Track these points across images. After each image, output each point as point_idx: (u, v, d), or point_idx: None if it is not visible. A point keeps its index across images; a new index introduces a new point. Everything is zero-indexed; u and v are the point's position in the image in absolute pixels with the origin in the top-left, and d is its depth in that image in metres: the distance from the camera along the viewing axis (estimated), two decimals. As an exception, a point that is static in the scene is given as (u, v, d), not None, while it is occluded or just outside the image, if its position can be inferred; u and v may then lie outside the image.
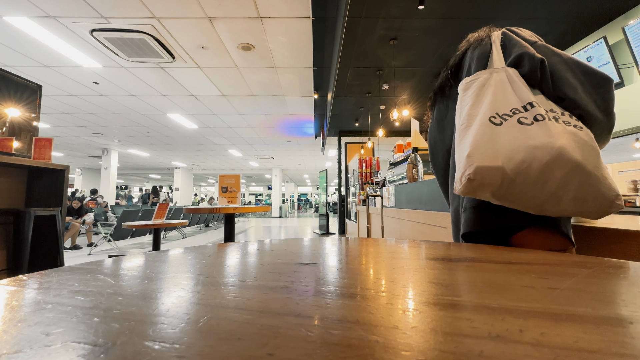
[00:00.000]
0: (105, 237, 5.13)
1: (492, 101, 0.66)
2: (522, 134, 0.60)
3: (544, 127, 0.59)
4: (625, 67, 2.94)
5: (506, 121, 0.63)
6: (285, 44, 3.75)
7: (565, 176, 0.57)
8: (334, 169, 14.96)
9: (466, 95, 0.71)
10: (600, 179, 0.57)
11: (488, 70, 0.71)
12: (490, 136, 0.62)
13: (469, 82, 0.72)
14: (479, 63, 0.76)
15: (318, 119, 7.09)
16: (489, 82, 0.69)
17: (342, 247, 0.54)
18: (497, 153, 0.60)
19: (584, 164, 0.56)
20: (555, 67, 0.66)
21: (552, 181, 0.57)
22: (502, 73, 0.69)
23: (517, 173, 0.59)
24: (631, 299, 0.26)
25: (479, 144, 0.62)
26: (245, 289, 0.29)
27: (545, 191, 0.58)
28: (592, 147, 0.58)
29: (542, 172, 0.57)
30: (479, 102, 0.68)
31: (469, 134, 0.66)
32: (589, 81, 0.64)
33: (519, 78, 0.67)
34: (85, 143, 9.45)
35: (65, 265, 0.48)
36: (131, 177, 19.80)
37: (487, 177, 0.60)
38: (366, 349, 0.17)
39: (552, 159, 0.57)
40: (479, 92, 0.69)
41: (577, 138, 0.58)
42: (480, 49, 0.78)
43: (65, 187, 2.26)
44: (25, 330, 0.20)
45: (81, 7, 3.03)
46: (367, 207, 3.77)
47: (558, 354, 0.16)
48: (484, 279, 0.32)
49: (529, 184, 0.59)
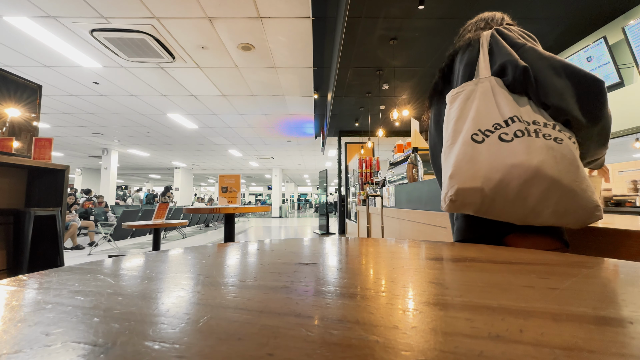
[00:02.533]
0: (105, 237, 5.13)
1: (475, 117, 0.68)
2: (501, 152, 0.62)
3: (523, 144, 0.61)
4: (625, 67, 2.94)
5: (488, 137, 0.65)
6: (285, 44, 3.75)
7: (543, 192, 0.59)
8: (334, 169, 14.95)
9: (452, 108, 0.74)
10: (578, 192, 0.59)
11: (473, 81, 0.73)
12: (472, 156, 0.65)
13: (455, 95, 0.75)
14: (466, 71, 0.78)
15: (318, 119, 7.09)
16: (473, 95, 0.71)
17: (342, 247, 0.54)
18: (476, 174, 0.63)
19: (561, 179, 0.58)
20: (541, 73, 0.66)
21: (531, 198, 0.59)
22: (487, 83, 0.71)
23: (496, 192, 0.62)
24: (631, 299, 0.26)
25: (460, 165, 0.66)
26: (245, 289, 0.29)
27: (525, 207, 0.61)
28: (571, 161, 0.60)
29: (521, 190, 0.60)
30: (463, 117, 0.70)
31: (452, 152, 0.69)
32: (576, 85, 0.63)
33: (503, 88, 0.69)
34: (85, 143, 9.45)
35: (65, 265, 0.48)
36: (131, 177, 19.80)
37: (467, 198, 0.64)
38: (366, 349, 0.17)
39: (530, 177, 0.59)
40: (464, 105, 0.72)
41: (556, 153, 0.60)
42: (468, 55, 0.80)
43: (65, 187, 2.26)
44: (25, 330, 0.20)
45: (81, 7, 3.03)
46: (367, 207, 3.77)
47: (558, 354, 0.16)
48: (484, 279, 0.32)
49: (508, 201, 0.61)
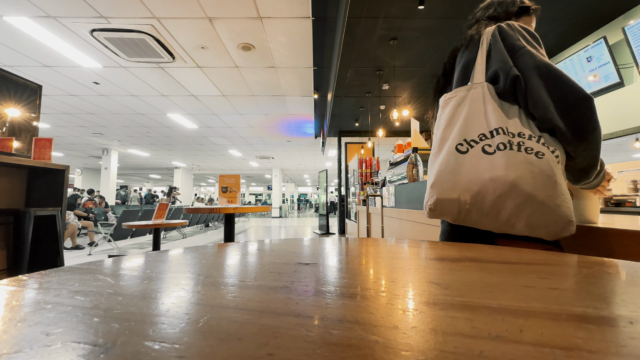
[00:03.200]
0: (105, 237, 5.13)
1: (462, 126, 0.70)
2: (482, 165, 0.65)
3: (504, 157, 0.63)
4: (625, 67, 2.94)
5: (472, 148, 0.67)
6: (285, 44, 3.75)
7: (516, 207, 0.61)
8: (334, 169, 14.95)
9: (443, 114, 0.75)
10: (552, 208, 0.61)
11: (467, 87, 0.73)
12: (454, 167, 0.67)
13: (447, 100, 0.76)
14: (462, 72, 0.79)
15: (318, 119, 7.09)
16: (464, 102, 0.72)
17: (342, 247, 0.54)
18: (456, 185, 0.66)
19: (535, 195, 0.60)
20: (531, 83, 0.66)
21: (504, 211, 0.62)
22: (479, 89, 0.71)
23: (472, 204, 0.65)
24: (631, 299, 0.26)
25: (442, 175, 0.69)
26: (245, 289, 0.29)
27: (498, 219, 0.64)
28: (548, 177, 0.61)
29: (495, 203, 0.62)
30: (451, 125, 0.72)
31: (437, 161, 0.71)
32: (563, 99, 0.63)
33: (494, 97, 0.70)
34: (85, 143, 9.45)
35: (65, 265, 0.48)
36: (131, 177, 19.80)
37: (445, 208, 0.68)
38: (366, 349, 0.17)
39: (505, 192, 0.61)
40: (454, 112, 0.73)
41: (534, 168, 0.61)
42: (467, 55, 0.80)
43: (65, 187, 2.25)
44: (25, 330, 0.20)
45: (81, 7, 3.03)
46: (367, 207, 3.77)
47: (558, 354, 0.16)
48: (484, 279, 0.32)
49: (483, 213, 0.65)
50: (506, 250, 0.49)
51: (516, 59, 0.69)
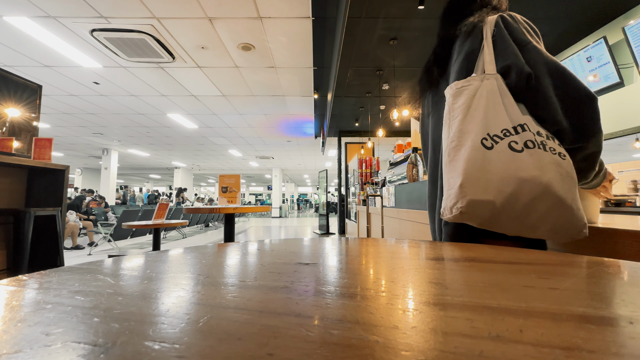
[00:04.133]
0: (105, 237, 5.13)
1: (483, 118, 0.64)
2: (512, 163, 0.60)
3: (534, 157, 0.59)
4: (625, 67, 2.94)
5: (497, 144, 0.62)
6: (285, 44, 3.75)
7: (547, 210, 0.59)
8: (334, 169, 14.95)
9: (456, 105, 0.69)
10: (574, 211, 0.59)
11: (479, 77, 0.68)
12: (482, 164, 0.62)
13: (459, 89, 0.69)
14: (464, 62, 0.73)
15: (318, 119, 7.09)
16: (479, 92, 0.66)
17: (342, 247, 0.54)
18: (488, 184, 0.61)
19: (565, 198, 0.58)
20: (540, 82, 0.63)
21: (534, 214, 0.59)
22: (493, 81, 0.66)
23: (504, 206, 0.60)
24: (631, 299, 0.26)
25: (470, 173, 0.62)
26: (245, 289, 0.29)
27: (525, 223, 0.60)
28: (572, 178, 0.60)
29: (528, 205, 0.59)
30: (470, 117, 0.66)
31: (460, 156, 0.65)
32: (570, 99, 0.62)
33: (508, 91, 0.66)
34: (85, 143, 9.45)
35: (65, 265, 0.48)
36: (131, 177, 19.80)
37: (478, 210, 0.61)
38: (366, 349, 0.17)
39: (539, 194, 0.58)
40: (470, 103, 0.67)
41: (561, 169, 0.60)
42: (470, 44, 0.73)
43: (65, 187, 2.25)
44: (25, 330, 0.20)
45: (81, 7, 3.03)
46: (367, 207, 3.77)
47: (558, 354, 0.16)
48: (484, 279, 0.32)
49: (512, 217, 0.60)
50: (506, 250, 0.49)
51: (524, 54, 0.65)
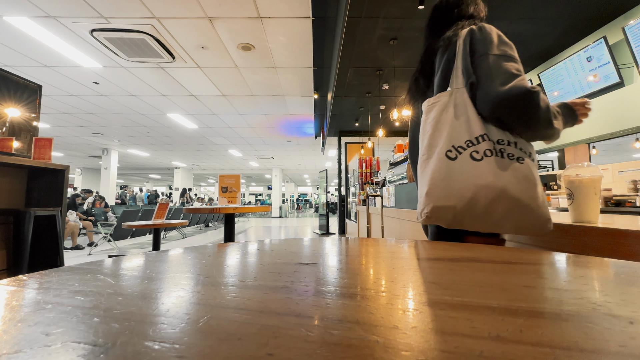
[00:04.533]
0: (105, 237, 5.13)
1: (449, 132, 0.74)
2: (472, 171, 0.70)
3: (491, 164, 0.69)
4: (625, 67, 2.94)
5: (460, 155, 0.72)
6: (285, 44, 3.75)
7: (506, 211, 0.68)
8: (334, 169, 14.95)
9: (428, 119, 0.80)
10: (534, 209, 0.69)
11: (448, 92, 0.78)
12: (446, 173, 0.72)
13: (430, 105, 0.80)
14: (442, 77, 0.82)
15: (318, 119, 7.09)
16: (447, 107, 0.77)
17: (342, 247, 0.54)
18: (450, 192, 0.71)
19: (522, 198, 0.68)
20: (479, 87, 0.73)
21: (495, 214, 0.69)
22: (460, 95, 0.76)
23: (465, 210, 0.70)
24: (631, 299, 0.26)
25: (435, 182, 0.73)
26: (245, 289, 0.29)
27: (488, 222, 0.70)
28: (529, 180, 0.69)
29: (487, 207, 0.69)
30: (438, 131, 0.76)
31: (428, 168, 0.76)
32: (504, 100, 0.69)
33: (472, 103, 0.75)
34: (85, 143, 9.44)
35: (65, 265, 0.48)
36: (131, 177, 19.80)
37: (441, 214, 0.73)
38: (366, 349, 0.17)
39: (496, 197, 0.68)
40: (439, 118, 0.77)
41: (517, 173, 0.69)
42: (446, 57, 0.82)
43: (65, 187, 2.25)
44: (25, 330, 0.20)
45: (81, 7, 3.03)
46: (367, 207, 3.77)
47: (558, 354, 0.16)
48: (484, 279, 0.32)
49: (475, 218, 0.70)
50: (506, 250, 0.49)
51: (476, 64, 0.74)
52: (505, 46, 0.74)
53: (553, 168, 5.19)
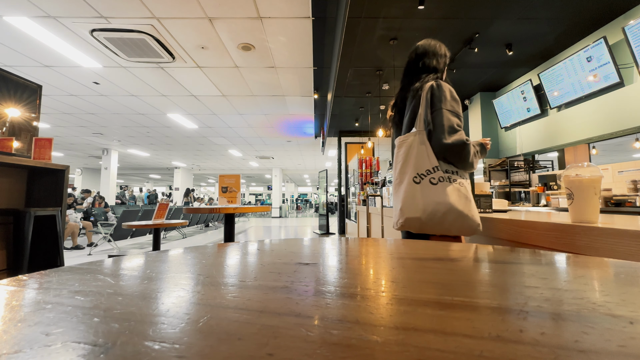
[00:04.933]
0: (105, 237, 5.13)
1: (415, 163, 1.07)
2: (431, 192, 1.03)
3: (443, 188, 1.03)
4: (625, 67, 2.94)
5: (423, 180, 1.05)
6: (285, 44, 3.75)
7: (453, 219, 1.01)
8: (334, 169, 14.95)
9: (399, 152, 1.13)
10: (470, 217, 1.01)
11: (413, 133, 1.10)
12: (413, 194, 1.06)
13: (401, 142, 1.13)
14: (410, 119, 1.15)
15: (318, 119, 7.09)
16: (413, 144, 1.09)
17: (342, 247, 0.54)
18: (417, 207, 1.04)
19: (462, 210, 1.01)
20: (434, 135, 1.06)
21: (446, 222, 1.01)
22: (422, 136, 1.08)
23: (428, 220, 1.03)
24: (631, 299, 0.26)
25: (407, 201, 1.07)
26: (245, 289, 0.29)
27: (443, 228, 1.02)
28: (467, 198, 1.03)
29: (442, 217, 1.01)
30: (407, 162, 1.10)
31: (401, 189, 1.10)
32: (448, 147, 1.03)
33: (428, 142, 1.07)
34: (85, 143, 9.45)
35: (65, 265, 0.48)
36: (131, 177, 19.80)
37: (411, 224, 1.06)
38: (366, 349, 0.17)
39: (447, 210, 1.01)
40: (407, 152, 1.10)
41: (460, 193, 1.03)
42: (413, 104, 1.14)
43: (65, 187, 2.25)
44: (25, 330, 0.20)
45: (81, 7, 3.03)
46: (367, 207, 3.77)
47: (558, 354, 0.16)
48: (484, 279, 0.32)
49: (434, 225, 1.03)
50: (506, 251, 0.49)
51: (433, 115, 1.06)
52: (454, 102, 1.06)
53: (553, 168, 5.19)
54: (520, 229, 0.98)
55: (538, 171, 4.50)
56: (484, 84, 4.65)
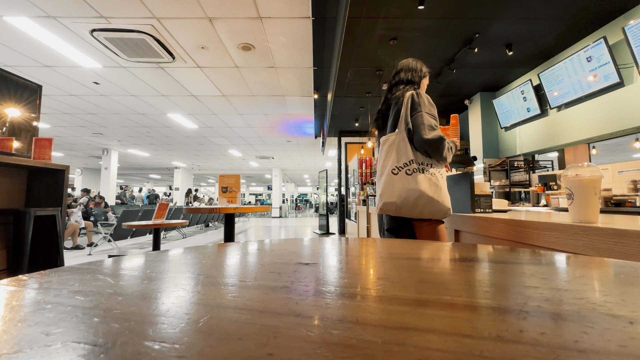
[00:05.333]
0: (105, 237, 5.13)
1: (394, 157, 1.28)
2: (406, 181, 1.23)
3: (417, 177, 1.22)
4: (625, 67, 2.94)
5: (400, 171, 1.25)
6: (285, 44, 3.75)
7: (424, 204, 1.20)
8: (334, 169, 14.95)
9: (383, 149, 1.34)
10: (440, 202, 1.21)
11: (395, 133, 1.30)
12: (391, 183, 1.26)
13: (384, 140, 1.34)
14: (393, 121, 1.34)
15: (318, 119, 7.09)
16: (394, 142, 1.29)
17: (342, 247, 0.54)
18: (393, 194, 1.25)
19: (433, 196, 1.20)
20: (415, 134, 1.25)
21: (419, 206, 1.21)
22: (402, 135, 1.27)
23: (402, 204, 1.23)
24: (631, 299, 0.26)
25: (385, 189, 1.27)
26: (245, 289, 0.29)
27: (416, 211, 1.22)
28: (438, 185, 1.22)
29: (414, 202, 1.21)
30: (388, 157, 1.30)
31: (382, 180, 1.31)
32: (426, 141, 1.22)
33: (408, 140, 1.26)
34: (85, 143, 9.44)
35: (65, 265, 0.48)
36: (131, 177, 19.80)
37: (389, 207, 1.26)
38: (366, 349, 0.17)
39: (419, 196, 1.20)
40: (389, 149, 1.30)
41: (431, 182, 1.22)
42: (396, 110, 1.34)
43: (65, 187, 2.25)
44: (25, 330, 0.20)
45: (81, 7, 3.03)
46: (367, 207, 3.77)
47: (558, 354, 0.16)
48: (484, 279, 0.32)
49: (408, 208, 1.23)
50: (506, 250, 0.49)
51: (413, 117, 1.25)
52: (431, 107, 1.26)
53: (553, 168, 5.19)
54: (520, 228, 0.98)
55: (538, 171, 4.50)
56: (484, 84, 4.65)
